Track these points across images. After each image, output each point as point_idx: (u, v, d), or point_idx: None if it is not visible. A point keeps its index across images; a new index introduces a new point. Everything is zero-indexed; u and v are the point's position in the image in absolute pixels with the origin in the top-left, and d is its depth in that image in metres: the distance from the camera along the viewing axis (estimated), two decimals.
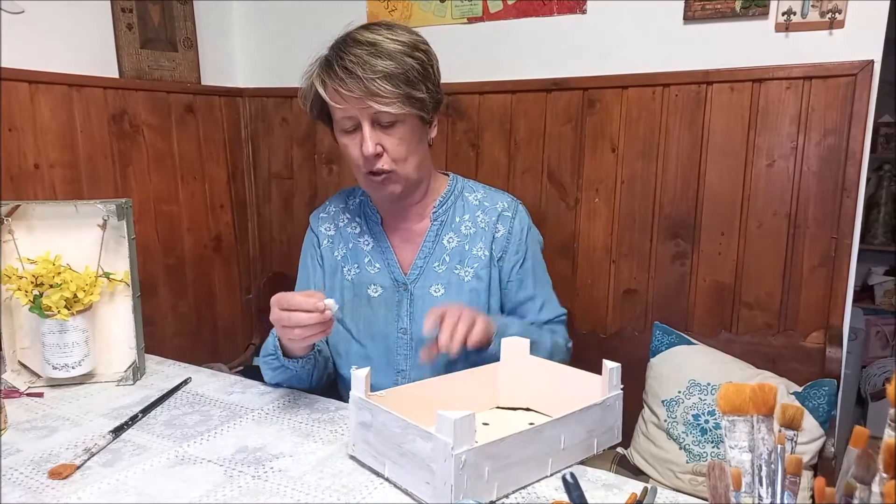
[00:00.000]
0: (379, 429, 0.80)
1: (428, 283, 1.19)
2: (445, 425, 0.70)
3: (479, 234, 1.22)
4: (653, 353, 1.56)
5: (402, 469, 0.77)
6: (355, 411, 0.84)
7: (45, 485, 0.82)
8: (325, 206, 1.31)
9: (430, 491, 0.74)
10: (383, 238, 1.23)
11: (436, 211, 1.22)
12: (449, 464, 0.71)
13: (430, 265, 1.20)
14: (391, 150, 1.09)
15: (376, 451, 0.81)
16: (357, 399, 0.84)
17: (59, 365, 1.12)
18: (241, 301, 2.21)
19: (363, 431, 0.83)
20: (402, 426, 0.76)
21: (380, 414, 0.80)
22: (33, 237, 1.16)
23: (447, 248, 1.21)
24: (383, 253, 1.22)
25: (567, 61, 1.66)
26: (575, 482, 0.55)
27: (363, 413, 0.83)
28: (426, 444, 0.73)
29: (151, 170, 1.87)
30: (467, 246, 1.21)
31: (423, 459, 0.74)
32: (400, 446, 0.77)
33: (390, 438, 0.78)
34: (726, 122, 1.52)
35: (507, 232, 1.22)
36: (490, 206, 1.24)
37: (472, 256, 1.20)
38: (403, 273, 1.20)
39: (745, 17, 1.46)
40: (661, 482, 1.44)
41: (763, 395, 0.55)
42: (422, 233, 1.22)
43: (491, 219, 1.22)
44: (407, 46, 1.07)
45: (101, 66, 1.74)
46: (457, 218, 1.23)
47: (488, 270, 1.20)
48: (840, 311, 1.48)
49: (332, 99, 1.07)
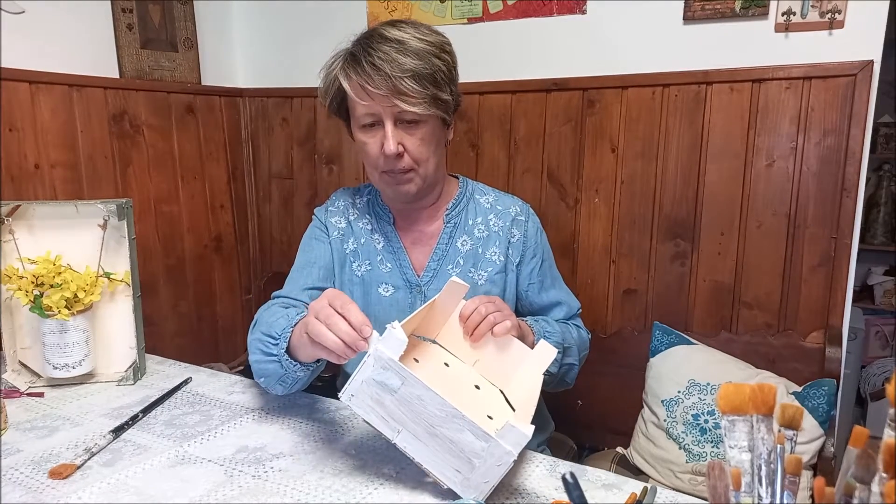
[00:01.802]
0: (407, 399, 0.74)
1: (441, 286, 1.18)
2: (513, 437, 0.71)
3: (492, 238, 1.21)
4: (652, 352, 1.56)
5: (423, 446, 0.75)
6: (377, 370, 0.74)
7: (45, 484, 0.82)
8: (332, 201, 1.27)
9: (460, 479, 0.74)
10: (396, 238, 1.21)
11: (448, 213, 1.22)
12: (502, 468, 0.72)
13: (443, 267, 1.19)
14: (412, 149, 1.08)
15: (390, 416, 0.75)
16: (387, 360, 0.74)
17: (59, 365, 1.12)
18: (242, 301, 2.21)
19: (378, 390, 0.75)
20: (452, 413, 0.73)
21: (417, 387, 0.73)
22: (34, 237, 1.16)
23: (461, 251, 1.20)
24: (395, 253, 1.20)
25: (567, 61, 1.66)
26: (575, 482, 0.55)
27: (390, 375, 0.74)
28: (479, 441, 0.72)
29: (152, 170, 1.87)
30: (481, 249, 1.21)
31: (465, 452, 0.73)
32: (434, 427, 0.74)
33: (422, 415, 0.74)
34: (726, 122, 1.52)
35: (523, 236, 1.22)
36: (503, 209, 1.24)
37: (486, 260, 1.20)
38: (417, 275, 1.19)
39: (745, 18, 1.46)
40: (660, 482, 1.44)
41: (763, 394, 0.55)
42: (434, 235, 1.21)
43: (505, 223, 1.22)
44: (434, 47, 1.06)
45: (102, 66, 1.74)
46: (469, 221, 1.22)
47: (503, 275, 1.20)
48: (840, 311, 1.48)
49: (356, 94, 1.05)
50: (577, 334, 1.23)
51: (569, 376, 1.22)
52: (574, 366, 1.21)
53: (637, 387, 1.58)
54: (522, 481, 0.83)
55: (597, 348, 1.70)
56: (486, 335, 0.97)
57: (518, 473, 0.85)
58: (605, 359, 1.70)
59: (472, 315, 0.97)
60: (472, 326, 0.96)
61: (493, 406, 0.92)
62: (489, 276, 1.19)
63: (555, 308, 1.27)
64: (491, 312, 0.97)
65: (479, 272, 1.19)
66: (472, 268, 1.19)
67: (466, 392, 0.92)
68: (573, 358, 1.19)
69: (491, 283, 1.19)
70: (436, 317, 0.98)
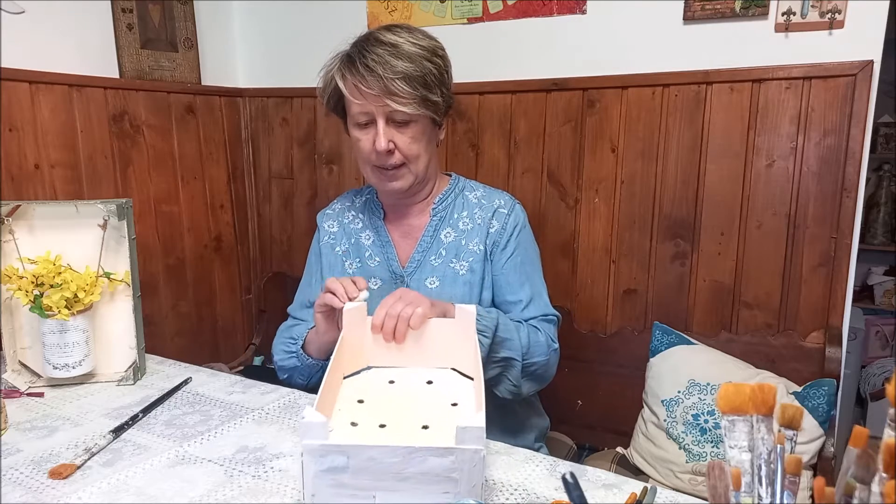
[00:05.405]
0: (361, 466, 0.72)
1: (423, 276, 1.22)
2: (472, 435, 0.70)
3: (475, 230, 1.24)
4: (652, 352, 1.56)
5: (403, 493, 0.74)
6: (317, 459, 0.71)
7: (45, 485, 0.82)
8: (331, 205, 1.36)
9: (453, 497, 0.73)
10: (384, 232, 1.27)
11: (435, 207, 1.26)
12: (479, 466, 0.71)
13: (426, 259, 1.23)
14: (402, 147, 1.14)
15: (357, 489, 0.73)
16: (318, 448, 0.71)
17: (59, 365, 1.12)
18: (242, 301, 2.21)
19: (330, 476, 0.72)
20: (405, 452, 0.71)
21: (364, 451, 0.71)
22: (34, 237, 1.16)
23: (444, 243, 1.23)
24: (383, 247, 1.26)
25: (567, 61, 1.66)
26: (575, 482, 0.55)
27: (331, 458, 0.71)
28: (444, 459, 0.71)
29: (152, 170, 1.87)
30: (464, 241, 1.23)
31: (440, 475, 0.72)
32: (400, 472, 0.72)
33: (383, 470, 0.72)
34: (726, 122, 1.52)
35: (501, 227, 1.23)
36: (487, 203, 1.26)
37: (467, 251, 1.22)
38: (401, 266, 1.24)
39: (745, 17, 1.46)
40: (660, 482, 1.44)
41: (762, 394, 0.54)
42: (421, 227, 1.26)
43: (487, 215, 1.24)
44: (426, 51, 1.13)
45: (102, 66, 1.74)
46: (455, 214, 1.26)
47: (482, 264, 1.22)
48: (840, 311, 1.48)
49: (350, 94, 1.12)
50: (527, 332, 1.16)
51: (510, 374, 1.15)
52: (514, 362, 1.14)
53: (637, 387, 1.58)
54: (522, 481, 0.83)
55: (597, 348, 1.71)
56: (407, 331, 0.96)
57: (518, 473, 0.85)
58: (605, 359, 1.70)
59: (384, 323, 0.95)
60: (389, 332, 0.95)
61: (452, 390, 0.92)
62: (469, 265, 1.21)
63: (520, 308, 1.22)
64: (399, 310, 0.95)
65: (461, 262, 1.22)
66: (454, 258, 1.22)
67: (421, 395, 0.91)
68: (513, 353, 1.13)
69: (471, 272, 1.21)
70: (364, 343, 0.98)
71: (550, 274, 1.31)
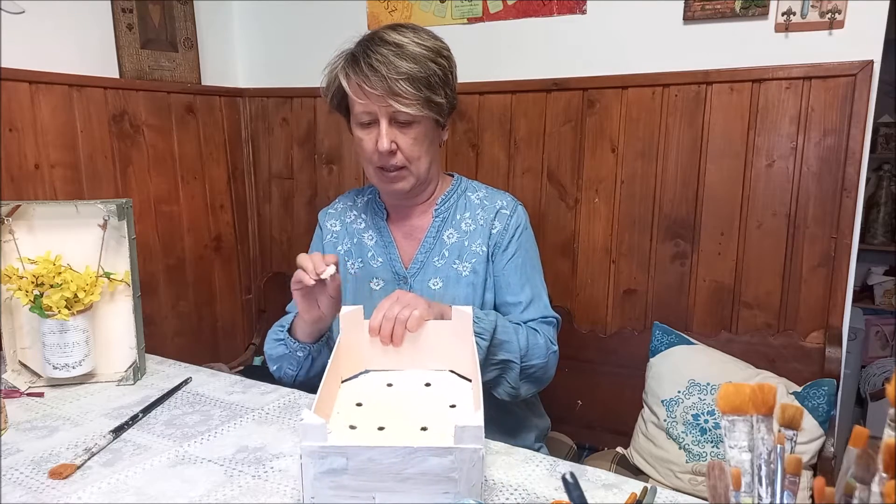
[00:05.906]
0: (361, 467, 0.72)
1: (427, 277, 1.21)
2: (470, 434, 0.70)
3: (478, 231, 1.23)
4: (652, 352, 1.56)
5: (403, 494, 0.74)
6: (316, 461, 0.71)
7: (45, 485, 0.82)
8: (333, 204, 1.36)
9: (451, 497, 0.73)
10: (387, 233, 1.26)
11: (438, 208, 1.25)
12: (479, 465, 0.71)
13: (430, 260, 1.23)
14: (405, 148, 1.13)
15: (357, 490, 0.74)
16: (317, 449, 0.71)
17: (59, 365, 1.12)
18: (241, 301, 2.21)
19: (330, 478, 0.72)
20: (405, 453, 0.71)
21: (364, 452, 0.71)
22: (34, 237, 1.16)
23: (447, 244, 1.23)
24: (386, 248, 1.25)
25: (567, 61, 1.66)
26: (575, 482, 0.55)
27: (330, 460, 0.71)
28: (443, 459, 0.72)
29: (152, 170, 1.87)
30: (466, 242, 1.23)
31: (440, 475, 0.72)
32: (400, 473, 0.72)
33: (382, 471, 0.72)
34: (726, 122, 1.52)
35: (503, 228, 1.23)
36: (490, 204, 1.26)
37: (470, 252, 1.22)
38: (404, 267, 1.23)
39: (745, 18, 1.46)
40: (660, 482, 1.44)
41: (762, 394, 0.54)
42: (424, 228, 1.25)
43: (489, 216, 1.24)
44: (431, 52, 1.11)
45: (102, 66, 1.74)
46: (458, 215, 1.25)
47: (485, 266, 1.22)
48: (840, 311, 1.48)
49: (354, 93, 1.11)
50: (525, 334, 1.15)
51: (509, 376, 1.14)
52: (512, 364, 1.13)
53: (637, 387, 1.58)
54: (522, 481, 0.83)
55: (597, 348, 1.71)
56: (405, 333, 0.96)
57: (518, 473, 0.85)
58: (605, 359, 1.70)
59: (381, 326, 0.94)
60: (387, 335, 0.94)
61: (450, 392, 0.92)
62: (472, 266, 1.21)
63: (519, 309, 1.21)
64: (396, 313, 0.94)
65: (464, 263, 1.22)
66: (456, 259, 1.22)
67: (419, 397, 0.91)
68: (512, 355, 1.12)
69: (474, 273, 1.21)
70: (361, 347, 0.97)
71: (550, 274, 1.31)
